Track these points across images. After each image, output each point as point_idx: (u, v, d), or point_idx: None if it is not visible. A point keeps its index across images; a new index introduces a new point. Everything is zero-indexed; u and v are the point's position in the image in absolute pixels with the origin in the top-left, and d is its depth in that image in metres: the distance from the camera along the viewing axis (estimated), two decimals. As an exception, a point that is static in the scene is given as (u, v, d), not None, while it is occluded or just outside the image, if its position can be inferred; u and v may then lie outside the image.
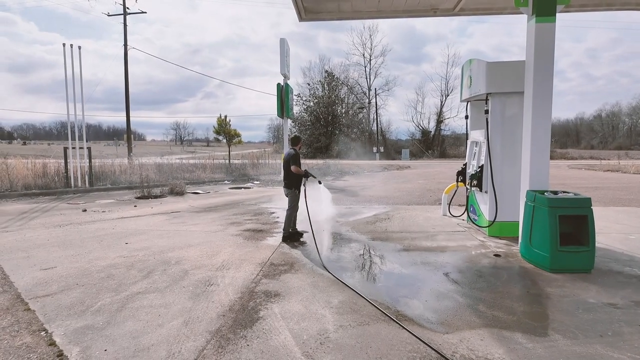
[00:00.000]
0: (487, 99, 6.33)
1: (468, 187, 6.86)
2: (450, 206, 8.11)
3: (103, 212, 9.28)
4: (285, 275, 4.68)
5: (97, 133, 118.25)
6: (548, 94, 5.25)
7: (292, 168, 6.15)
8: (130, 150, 26.52)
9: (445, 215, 8.24)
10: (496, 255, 5.38)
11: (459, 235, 6.57)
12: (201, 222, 8.03)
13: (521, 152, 6.07)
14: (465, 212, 7.49)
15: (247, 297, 3.98)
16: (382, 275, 4.67)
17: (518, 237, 6.03)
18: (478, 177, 6.52)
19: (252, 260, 5.28)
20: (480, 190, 6.53)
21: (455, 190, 7.58)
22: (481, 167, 6.51)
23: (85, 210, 9.40)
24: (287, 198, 6.46)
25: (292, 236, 6.38)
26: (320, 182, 6.62)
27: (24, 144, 73.08)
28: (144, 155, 28.05)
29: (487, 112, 6.33)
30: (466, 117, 7.42)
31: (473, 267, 4.90)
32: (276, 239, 6.54)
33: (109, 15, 27.31)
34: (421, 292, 4.11)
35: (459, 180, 7.32)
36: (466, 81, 6.99)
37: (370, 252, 5.64)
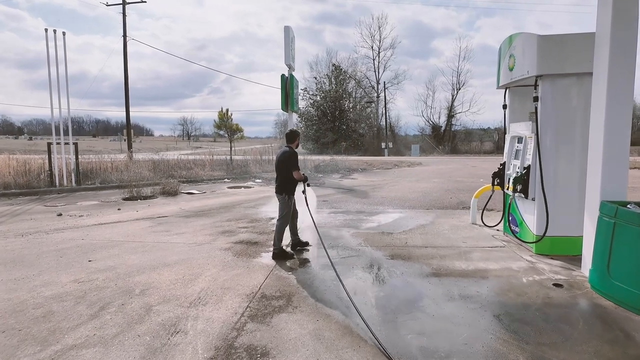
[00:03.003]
0: (536, 84, 5.05)
1: (509, 192, 5.59)
2: (483, 213, 6.82)
3: (80, 216, 8.17)
4: (279, 316, 3.48)
5: (106, 128, 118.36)
6: (630, 74, 3.97)
7: (294, 174, 5.05)
8: (130, 145, 25.43)
9: (475, 224, 6.98)
10: (556, 285, 4.12)
11: (498, 253, 5.32)
12: (188, 230, 6.87)
13: (582, 150, 4.84)
14: (502, 222, 6.22)
15: (222, 358, 2.80)
16: (410, 318, 3.44)
17: (575, 256, 4.84)
18: (523, 181, 5.24)
19: (238, 290, 4.09)
20: (526, 197, 5.25)
21: (491, 196, 6.31)
22: (527, 168, 5.23)
23: (60, 215, 8.30)
24: (282, 204, 5.32)
25: (283, 254, 5.17)
26: (308, 185, 5.48)
27: (30, 139, 72.79)
28: (150, 151, 27.06)
29: (536, 99, 5.05)
30: (504, 106, 6.13)
31: (531, 305, 3.65)
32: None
33: (107, 5, 26.18)
34: (471, 350, 2.88)
35: (495, 183, 6.04)
36: (506, 63, 5.69)
37: (390, 279, 4.41)
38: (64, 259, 5.19)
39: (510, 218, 5.85)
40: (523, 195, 5.31)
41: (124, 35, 25.13)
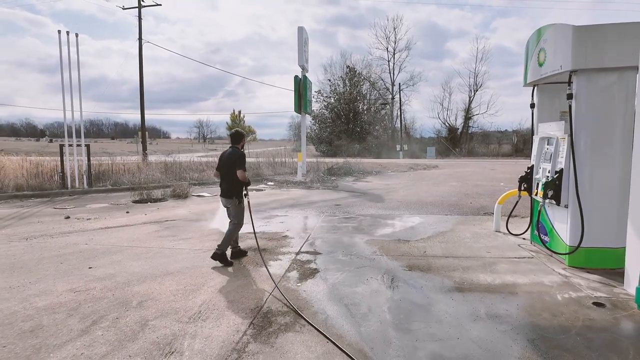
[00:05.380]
0: (570, 80, 4.60)
1: (539, 198, 5.13)
2: (508, 221, 6.34)
3: (88, 219, 8.00)
4: (284, 335, 3.13)
5: (124, 131, 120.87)
6: (683, 65, 3.50)
7: (239, 173, 4.84)
8: (144, 147, 25.62)
9: (499, 232, 6.51)
10: (597, 304, 3.67)
11: (526, 265, 4.86)
12: (195, 235, 6.60)
13: (622, 152, 4.39)
14: (529, 230, 5.76)
15: (218, 387, 2.47)
16: (432, 343, 3.05)
17: (614, 270, 4.40)
18: (555, 186, 4.78)
19: (242, 303, 3.77)
20: (558, 204, 4.79)
21: (517, 202, 5.84)
22: (559, 172, 4.77)
23: (68, 218, 8.15)
24: (236, 209, 5.09)
25: (223, 258, 4.92)
26: (246, 195, 5.12)
27: (50, 141, 74.37)
28: (165, 153, 27.24)
29: (570, 96, 4.60)
30: (532, 105, 5.67)
31: (571, 328, 3.22)
32: (281, 263, 5.03)
33: (124, 9, 26.51)
34: (504, 384, 2.48)
35: (522, 188, 5.58)
36: (537, 57, 5.24)
37: (408, 294, 4.02)
38: (64, 266, 4.97)
39: (538, 226, 5.38)
40: (554, 202, 4.85)
41: (140, 38, 25.37)
